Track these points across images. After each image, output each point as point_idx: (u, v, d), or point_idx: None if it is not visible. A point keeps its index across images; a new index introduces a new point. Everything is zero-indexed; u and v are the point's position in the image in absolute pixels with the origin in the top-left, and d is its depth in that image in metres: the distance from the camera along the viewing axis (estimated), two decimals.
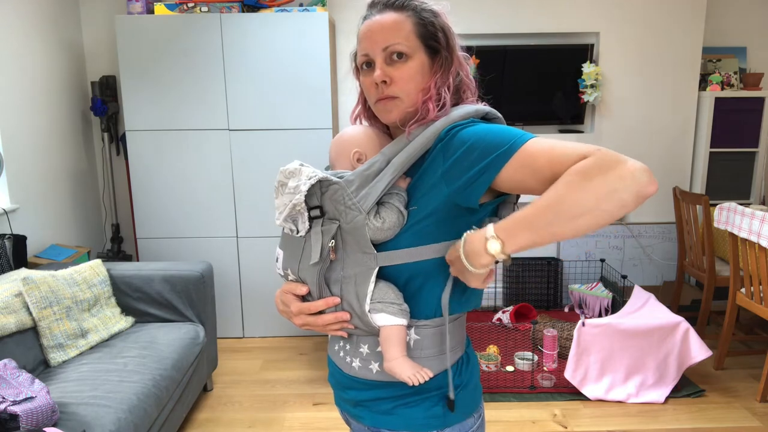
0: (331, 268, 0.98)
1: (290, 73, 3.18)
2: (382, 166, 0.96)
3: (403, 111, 0.98)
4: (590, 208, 0.78)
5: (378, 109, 1.01)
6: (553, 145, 0.83)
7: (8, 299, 2.16)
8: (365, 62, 1.00)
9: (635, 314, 2.82)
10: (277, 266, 1.08)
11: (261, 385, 2.91)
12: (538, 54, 3.60)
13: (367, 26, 0.99)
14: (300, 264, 1.01)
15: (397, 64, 0.97)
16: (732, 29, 3.76)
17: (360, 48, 1.01)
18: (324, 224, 0.97)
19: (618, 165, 0.78)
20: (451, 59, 0.99)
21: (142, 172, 3.29)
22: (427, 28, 0.98)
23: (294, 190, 0.97)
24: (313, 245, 0.98)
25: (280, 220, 1.02)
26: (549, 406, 2.65)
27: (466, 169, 0.89)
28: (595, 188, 0.77)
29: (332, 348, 1.09)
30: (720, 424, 2.51)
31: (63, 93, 3.35)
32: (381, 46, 0.97)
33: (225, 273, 3.39)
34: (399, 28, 0.97)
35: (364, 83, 1.02)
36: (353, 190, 0.94)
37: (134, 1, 3.19)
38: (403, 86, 0.97)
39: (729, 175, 3.70)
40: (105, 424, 1.77)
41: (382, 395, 1.02)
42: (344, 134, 1.06)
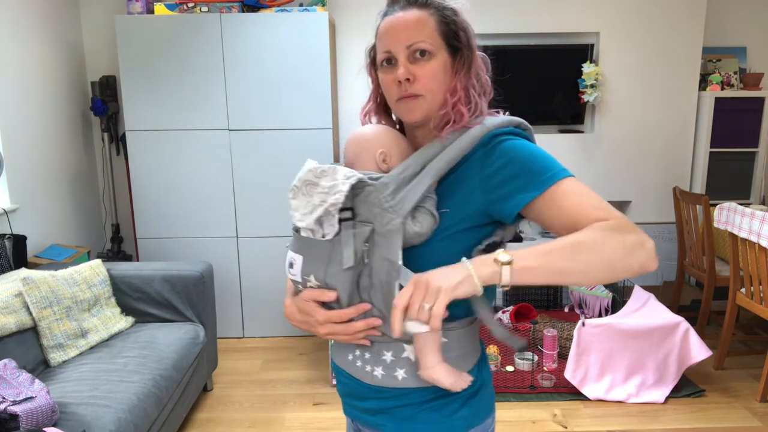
0: (360, 273, 0.94)
1: (290, 74, 3.18)
2: (416, 170, 0.94)
3: (426, 110, 0.97)
4: (606, 262, 0.82)
5: (400, 107, 0.98)
6: (587, 193, 0.88)
7: (8, 299, 2.16)
8: (387, 59, 0.98)
9: (635, 314, 2.82)
10: (291, 272, 1.00)
11: (261, 385, 2.91)
12: (538, 54, 3.60)
13: (390, 23, 0.97)
14: (328, 269, 0.94)
15: (421, 62, 0.95)
16: (732, 29, 3.76)
17: (381, 44, 0.98)
18: (356, 227, 0.92)
19: (639, 234, 0.85)
20: (471, 59, 0.99)
21: (142, 172, 3.29)
22: (449, 26, 0.97)
23: (329, 190, 0.92)
24: (344, 249, 0.92)
25: (307, 222, 0.95)
26: (549, 406, 2.65)
27: (508, 181, 0.90)
28: (616, 245, 0.82)
29: (343, 358, 1.04)
30: (720, 424, 2.51)
31: (63, 93, 3.35)
32: (405, 43, 0.95)
33: (225, 273, 3.39)
34: (423, 25, 0.96)
35: (384, 80, 0.99)
36: (389, 193, 0.91)
37: (134, 1, 3.19)
38: (427, 84, 0.95)
39: (729, 175, 3.70)
40: (105, 424, 1.77)
41: (407, 401, 0.99)
42: (366, 133, 1.02)
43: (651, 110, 3.69)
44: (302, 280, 0.98)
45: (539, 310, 3.55)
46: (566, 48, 3.60)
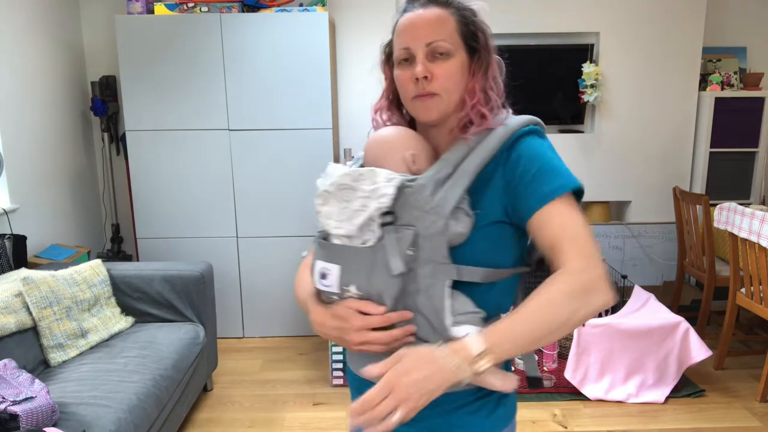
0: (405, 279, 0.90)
1: (290, 73, 3.18)
2: (449, 171, 0.93)
3: (442, 110, 0.96)
4: (570, 328, 0.87)
5: (415, 105, 0.97)
6: (576, 220, 0.90)
7: (8, 299, 2.16)
8: (405, 57, 0.96)
9: (635, 314, 2.82)
10: (324, 283, 0.94)
11: (261, 385, 2.91)
12: (538, 54, 3.60)
13: (410, 19, 0.96)
14: (372, 278, 0.89)
15: (439, 61, 0.95)
16: (732, 29, 3.76)
17: (400, 41, 0.97)
18: (398, 231, 0.89)
19: (602, 294, 0.87)
20: (489, 60, 0.99)
21: (142, 172, 3.29)
22: (468, 26, 0.98)
23: (371, 194, 0.89)
24: (390, 255, 0.88)
25: (347, 228, 0.90)
26: (549, 406, 2.65)
27: (526, 185, 0.92)
28: (584, 312, 0.86)
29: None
30: (720, 424, 2.51)
31: (63, 93, 3.35)
32: (424, 41, 0.94)
33: (225, 273, 3.39)
34: (443, 24, 0.95)
35: (400, 77, 0.98)
36: (428, 194, 0.90)
37: (134, 1, 3.19)
38: (444, 83, 0.95)
39: (729, 175, 3.70)
40: (105, 424, 1.77)
41: (446, 407, 0.96)
42: (392, 135, 0.99)
43: (651, 110, 3.69)
44: (340, 291, 0.93)
45: None
46: (566, 48, 3.60)
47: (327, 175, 0.97)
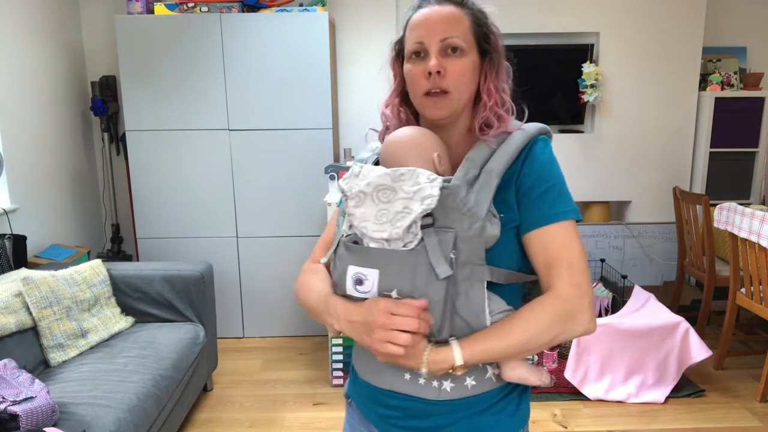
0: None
1: (290, 73, 3.18)
2: (476, 172, 0.93)
3: (452, 108, 0.97)
4: (548, 347, 0.93)
5: (425, 102, 0.97)
6: (575, 246, 0.93)
7: (8, 299, 2.16)
8: (418, 51, 0.96)
9: (635, 314, 2.82)
10: (360, 290, 0.91)
11: (261, 385, 2.91)
12: (538, 54, 3.60)
13: (425, 15, 0.96)
14: (415, 282, 0.88)
15: (452, 58, 0.95)
16: (732, 29, 3.76)
17: (413, 35, 0.97)
18: (438, 233, 0.88)
19: (584, 325, 0.92)
20: (500, 63, 0.99)
21: (142, 172, 3.29)
22: (481, 27, 0.98)
23: (414, 195, 0.88)
24: (432, 257, 0.87)
25: (391, 231, 0.88)
26: (549, 406, 2.65)
27: (535, 198, 0.95)
28: (560, 336, 0.91)
29: (397, 378, 0.97)
30: (720, 424, 2.51)
31: (63, 93, 3.35)
32: (439, 36, 0.94)
33: (225, 273, 3.39)
34: (458, 22, 0.96)
35: (411, 72, 0.97)
36: (464, 195, 0.90)
37: (134, 1, 3.19)
38: (456, 80, 0.95)
39: (729, 175, 3.70)
40: (105, 424, 1.77)
41: (475, 409, 0.97)
42: (416, 135, 0.97)
43: (651, 110, 3.69)
44: (381, 296, 0.91)
45: None
46: (566, 48, 3.60)
47: (358, 175, 0.94)
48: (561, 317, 0.90)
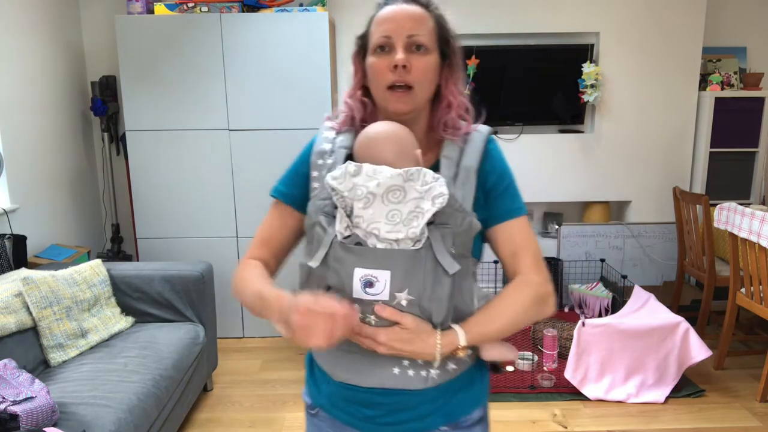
0: None
1: (290, 73, 3.18)
2: (455, 170, 0.98)
3: (415, 104, 1.00)
4: (525, 324, 1.01)
5: (389, 96, 0.99)
6: (530, 235, 1.03)
7: (8, 299, 2.16)
8: (383, 45, 0.99)
9: (635, 314, 2.82)
10: (369, 292, 0.90)
11: (261, 385, 2.91)
12: (538, 54, 3.60)
13: (393, 11, 0.99)
14: (427, 279, 0.90)
15: (417, 55, 0.98)
16: (732, 29, 3.76)
17: (380, 29, 0.99)
18: (439, 230, 0.92)
19: (550, 297, 1.01)
20: (458, 67, 1.04)
21: (142, 172, 3.29)
22: (443, 31, 1.02)
23: (425, 194, 0.89)
24: (439, 254, 0.90)
25: (407, 231, 0.88)
26: (549, 406, 2.65)
27: (500, 195, 1.02)
28: (536, 317, 1.00)
29: (385, 375, 0.97)
30: (720, 424, 2.51)
31: (63, 93, 3.35)
32: (406, 32, 0.97)
33: (225, 273, 3.38)
34: (424, 22, 0.99)
35: (376, 65, 0.99)
36: (454, 193, 0.95)
37: (134, 1, 3.19)
38: (420, 77, 0.98)
39: (729, 175, 3.70)
40: (105, 424, 1.77)
41: (455, 390, 1.03)
42: (400, 132, 0.98)
43: (651, 110, 3.69)
44: (390, 298, 0.90)
45: None
46: (566, 48, 3.60)
47: (355, 174, 0.92)
48: (537, 301, 0.99)
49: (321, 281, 0.95)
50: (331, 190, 0.93)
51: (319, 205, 0.98)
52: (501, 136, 3.70)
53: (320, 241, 0.95)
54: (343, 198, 0.92)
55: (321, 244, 0.94)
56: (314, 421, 1.12)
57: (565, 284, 3.71)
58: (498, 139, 3.70)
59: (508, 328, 0.98)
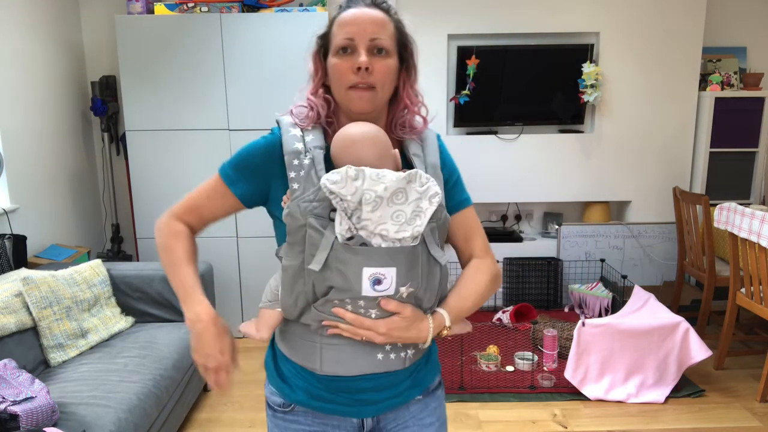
0: None
1: (290, 74, 3.18)
2: (424, 167, 1.06)
3: (375, 103, 1.04)
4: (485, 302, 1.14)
5: (350, 95, 1.02)
6: (478, 221, 1.16)
7: (8, 299, 2.16)
8: (346, 46, 1.02)
9: (635, 314, 2.82)
10: (378, 289, 0.95)
11: (261, 385, 2.91)
12: (538, 54, 3.60)
13: (356, 14, 1.02)
14: (425, 272, 0.99)
15: (378, 58, 1.02)
16: (732, 29, 3.76)
17: (342, 31, 1.02)
18: (428, 226, 0.98)
19: (500, 284, 1.17)
20: (415, 70, 1.09)
21: (142, 172, 3.29)
22: (402, 36, 1.07)
23: (422, 194, 0.94)
24: (432, 248, 0.99)
25: (413, 230, 0.93)
26: (549, 406, 2.65)
27: (454, 186, 1.13)
28: (492, 293, 1.14)
29: (369, 361, 1.03)
30: (720, 424, 2.51)
31: (63, 93, 3.35)
32: (369, 36, 1.01)
33: (225, 273, 3.39)
34: (385, 26, 1.03)
35: (338, 66, 1.02)
36: None
37: (134, 1, 3.19)
38: (381, 78, 1.02)
39: (729, 175, 3.70)
40: (105, 424, 1.77)
41: (421, 363, 1.14)
42: (379, 134, 1.00)
43: (651, 110, 3.69)
44: (395, 293, 0.97)
45: (539, 310, 3.55)
46: (566, 48, 3.60)
47: (356, 178, 0.92)
48: (494, 280, 1.12)
49: (320, 282, 0.97)
50: (330, 193, 0.92)
51: (305, 207, 0.96)
52: (501, 136, 3.70)
53: (316, 244, 0.95)
54: (344, 201, 0.92)
55: (319, 247, 0.95)
56: (286, 417, 1.13)
57: (565, 284, 3.71)
58: (498, 139, 3.74)
59: (476, 306, 1.11)
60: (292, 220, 1.00)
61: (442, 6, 3.49)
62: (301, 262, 0.98)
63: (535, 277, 3.70)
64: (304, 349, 1.07)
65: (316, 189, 0.96)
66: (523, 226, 4.01)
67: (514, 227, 3.97)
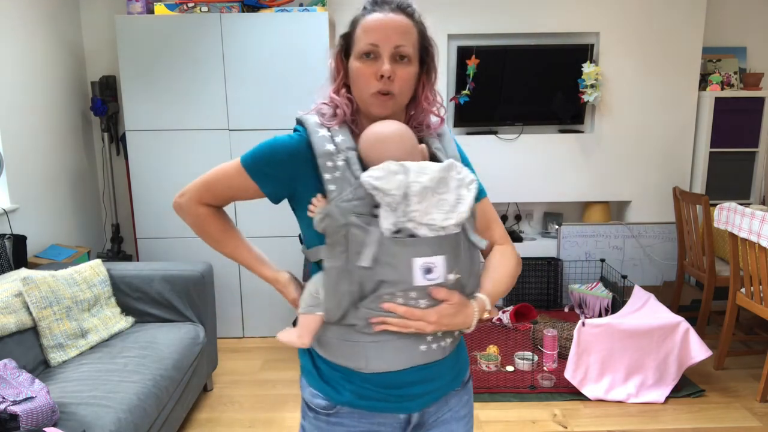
0: None
1: (290, 73, 3.18)
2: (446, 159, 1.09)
3: (395, 108, 1.07)
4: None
5: (372, 101, 1.04)
6: (494, 210, 1.20)
7: (8, 299, 2.16)
8: (369, 52, 1.03)
9: (635, 314, 2.82)
10: (429, 278, 0.98)
11: (261, 385, 2.91)
12: (538, 54, 3.60)
13: (381, 20, 1.03)
14: (468, 257, 1.03)
15: (401, 65, 1.03)
16: (732, 29, 3.76)
17: (368, 37, 1.04)
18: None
19: (521, 264, 1.20)
20: (435, 72, 1.11)
21: (142, 172, 3.29)
22: (424, 41, 1.08)
23: (461, 182, 1.00)
24: (471, 234, 1.03)
25: (457, 218, 0.97)
26: (549, 406, 2.65)
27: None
28: (517, 276, 1.18)
29: (413, 354, 1.04)
30: (720, 424, 2.51)
31: (63, 93, 3.35)
32: (394, 43, 1.02)
33: (225, 273, 3.39)
34: (409, 33, 1.05)
35: (360, 70, 1.04)
36: None
37: (134, 1, 3.19)
38: (402, 86, 1.04)
39: (729, 175, 3.70)
40: (105, 424, 1.77)
41: (456, 351, 1.15)
42: (407, 131, 1.04)
43: (651, 110, 3.69)
44: (445, 280, 1.00)
45: (539, 310, 3.55)
46: (566, 48, 3.60)
47: (397, 173, 0.95)
48: (518, 264, 1.17)
49: (370, 279, 0.98)
50: (374, 189, 0.95)
51: (346, 207, 0.97)
52: (501, 136, 3.70)
53: (361, 241, 0.96)
54: (388, 196, 0.94)
55: (366, 244, 0.96)
56: (330, 420, 1.10)
57: (565, 284, 3.71)
58: (498, 139, 3.74)
59: (508, 289, 1.14)
60: (332, 221, 0.98)
61: (442, 6, 3.49)
62: (345, 261, 0.98)
63: (535, 277, 3.70)
64: (346, 349, 1.05)
65: (354, 188, 0.98)
66: (523, 226, 4.01)
67: (514, 227, 3.97)
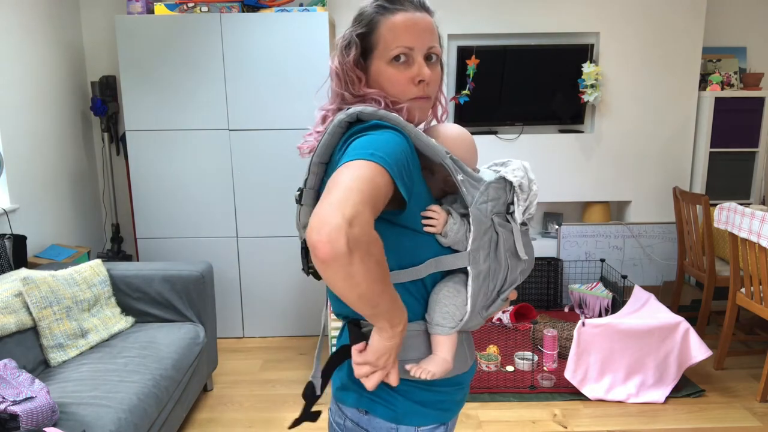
0: None
1: (290, 73, 3.18)
2: None
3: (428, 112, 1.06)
4: None
5: (413, 105, 0.99)
6: None
7: (8, 299, 2.16)
8: (401, 54, 0.96)
9: (635, 314, 2.82)
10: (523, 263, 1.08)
11: (261, 385, 2.91)
12: (538, 54, 3.60)
13: (411, 20, 0.96)
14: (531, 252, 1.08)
15: (431, 66, 1.00)
16: (732, 29, 3.76)
17: (399, 39, 0.96)
18: None
19: None
20: (443, 69, 1.07)
21: (142, 172, 3.29)
22: (439, 39, 1.05)
23: (531, 182, 1.04)
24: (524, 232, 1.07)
25: (528, 214, 1.05)
26: (549, 406, 2.65)
27: None
28: None
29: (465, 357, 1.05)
30: (720, 424, 2.51)
31: (63, 93, 3.35)
32: (427, 44, 0.98)
33: (225, 273, 3.39)
34: (435, 32, 1.01)
35: (395, 77, 0.97)
36: None
37: (134, 1, 3.19)
38: (434, 87, 1.02)
39: (729, 175, 3.70)
40: (105, 424, 1.77)
41: None
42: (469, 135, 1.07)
43: (651, 110, 3.69)
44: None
45: (539, 310, 3.55)
46: (566, 48, 3.60)
47: (529, 170, 1.04)
48: None
49: (514, 271, 1.03)
50: (519, 187, 1.00)
51: (486, 209, 0.96)
52: (501, 136, 3.70)
53: (508, 238, 1.00)
54: (524, 192, 1.02)
55: (515, 239, 1.01)
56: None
57: (565, 284, 3.71)
58: (498, 139, 3.74)
59: None
60: (479, 225, 0.95)
61: (442, 6, 3.49)
62: (491, 262, 0.98)
63: (535, 277, 3.70)
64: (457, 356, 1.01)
65: (485, 189, 0.96)
66: None
67: None
